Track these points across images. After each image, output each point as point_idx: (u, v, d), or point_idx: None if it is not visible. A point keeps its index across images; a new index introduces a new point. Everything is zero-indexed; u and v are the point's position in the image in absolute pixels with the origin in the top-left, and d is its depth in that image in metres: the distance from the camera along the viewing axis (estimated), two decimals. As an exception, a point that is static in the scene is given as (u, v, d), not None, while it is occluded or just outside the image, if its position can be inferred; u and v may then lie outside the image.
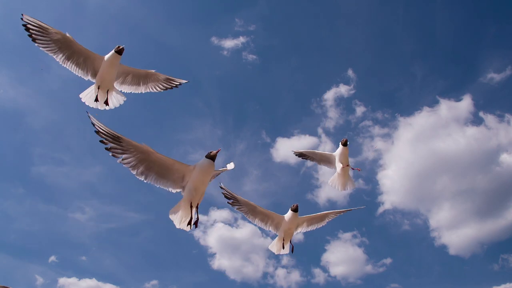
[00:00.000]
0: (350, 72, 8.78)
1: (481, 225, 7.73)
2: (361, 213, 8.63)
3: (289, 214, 2.57)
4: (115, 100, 2.68)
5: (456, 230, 7.71)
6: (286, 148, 9.06)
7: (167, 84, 2.80)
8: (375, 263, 7.74)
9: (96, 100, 2.58)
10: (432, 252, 7.85)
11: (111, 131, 1.88)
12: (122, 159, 1.92)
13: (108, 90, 2.59)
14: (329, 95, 8.88)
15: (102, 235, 8.19)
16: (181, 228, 2.09)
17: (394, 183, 8.26)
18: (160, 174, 2.00)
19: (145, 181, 1.98)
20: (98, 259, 7.99)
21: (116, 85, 2.68)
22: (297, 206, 2.56)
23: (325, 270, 7.80)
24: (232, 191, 2.55)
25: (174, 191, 2.06)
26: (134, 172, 1.96)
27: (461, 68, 8.75)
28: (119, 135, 1.89)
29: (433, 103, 8.45)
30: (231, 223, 8.31)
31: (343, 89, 8.78)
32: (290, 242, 2.76)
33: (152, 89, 2.80)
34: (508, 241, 7.38)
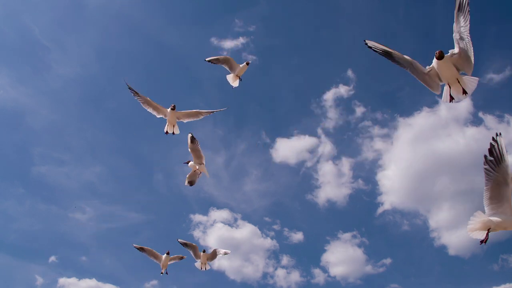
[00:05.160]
0: (349, 73, 8.78)
1: (481, 225, 7.72)
2: (361, 213, 8.64)
3: (435, 62, 2.39)
4: (176, 130, 3.89)
5: (456, 231, 7.71)
6: (286, 149, 9.07)
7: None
8: (375, 263, 7.75)
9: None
10: (432, 253, 7.86)
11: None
12: None
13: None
14: (329, 96, 8.88)
15: (102, 235, 8.20)
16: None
17: (394, 184, 8.27)
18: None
19: None
20: (98, 259, 8.01)
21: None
22: (440, 52, 2.30)
23: (325, 270, 7.80)
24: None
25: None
26: None
27: (462, 68, 8.76)
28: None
29: (432, 104, 8.46)
30: (231, 223, 8.31)
31: (343, 90, 8.79)
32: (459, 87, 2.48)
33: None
34: (508, 242, 7.39)
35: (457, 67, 2.41)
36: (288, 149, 9.13)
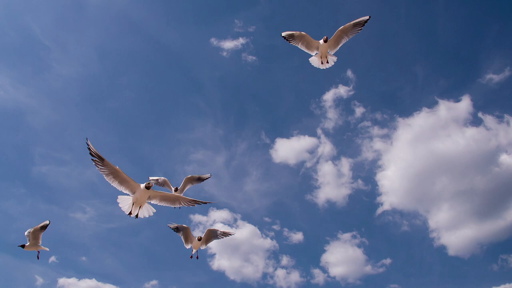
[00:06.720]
0: (349, 73, 8.79)
1: (480, 225, 7.74)
2: (361, 214, 8.65)
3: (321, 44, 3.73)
4: (145, 211, 3.10)
5: (455, 231, 7.72)
6: (285, 149, 9.07)
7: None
8: (374, 263, 7.75)
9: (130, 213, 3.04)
10: (432, 253, 7.87)
11: None
12: None
13: (140, 206, 3.09)
14: (328, 96, 8.90)
15: (102, 235, 8.21)
16: None
17: (393, 184, 8.29)
18: None
19: None
20: (98, 259, 8.02)
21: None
22: (326, 37, 3.70)
23: (324, 270, 7.81)
24: None
25: None
26: None
27: (462, 68, 8.78)
28: None
29: (432, 104, 8.46)
30: (231, 224, 8.31)
31: (342, 90, 8.80)
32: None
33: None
34: (508, 242, 7.40)
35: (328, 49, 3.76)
36: (288, 149, 9.14)
